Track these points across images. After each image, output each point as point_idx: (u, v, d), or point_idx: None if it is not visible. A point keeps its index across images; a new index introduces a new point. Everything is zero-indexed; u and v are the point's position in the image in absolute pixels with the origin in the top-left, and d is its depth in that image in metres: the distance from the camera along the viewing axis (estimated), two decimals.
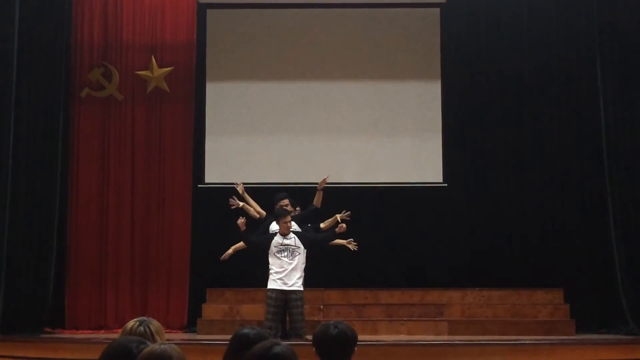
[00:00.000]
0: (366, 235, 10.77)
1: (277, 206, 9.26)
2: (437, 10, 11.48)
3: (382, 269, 11.02)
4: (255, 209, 9.55)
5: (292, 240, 8.89)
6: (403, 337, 9.86)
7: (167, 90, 11.37)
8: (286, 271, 8.80)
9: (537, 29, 11.39)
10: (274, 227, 9.18)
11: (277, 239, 8.91)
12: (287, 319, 9.00)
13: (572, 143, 11.21)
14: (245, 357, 2.92)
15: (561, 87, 11.33)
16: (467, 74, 11.48)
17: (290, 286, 8.79)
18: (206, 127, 11.37)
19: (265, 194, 9.86)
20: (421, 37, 11.46)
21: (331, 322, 3.84)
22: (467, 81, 11.48)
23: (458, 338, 9.62)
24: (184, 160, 11.39)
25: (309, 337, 8.37)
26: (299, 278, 8.85)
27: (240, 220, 8.85)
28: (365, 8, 11.48)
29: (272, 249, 8.86)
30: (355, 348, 3.74)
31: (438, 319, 10.46)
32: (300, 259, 8.87)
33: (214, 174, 11.32)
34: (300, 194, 10.50)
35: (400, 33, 11.46)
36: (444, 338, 9.82)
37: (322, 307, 8.97)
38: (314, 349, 3.69)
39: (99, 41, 11.44)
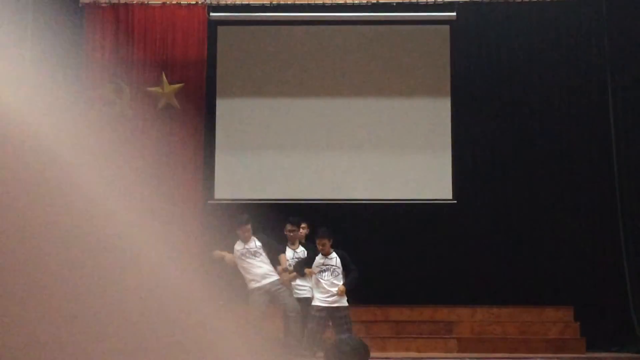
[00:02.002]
0: (375, 251, 10.78)
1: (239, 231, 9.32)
2: (447, 27, 11.51)
3: (391, 286, 10.99)
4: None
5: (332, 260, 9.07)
6: (412, 355, 9.83)
7: (178, 106, 11.41)
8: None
9: (548, 44, 11.40)
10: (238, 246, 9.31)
11: (319, 259, 9.03)
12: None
13: (582, 161, 11.20)
14: None
15: (571, 102, 11.33)
16: (477, 90, 11.48)
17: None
18: (216, 143, 11.40)
19: (274, 210, 9.85)
20: (431, 53, 11.49)
21: (344, 337, 3.86)
22: (477, 98, 11.48)
23: (468, 355, 9.60)
24: (194, 176, 11.42)
25: (306, 352, 8.44)
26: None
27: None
28: (375, 25, 11.53)
29: (315, 268, 9.00)
30: None
31: (447, 336, 10.42)
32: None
33: (224, 190, 11.35)
34: (310, 210, 10.52)
35: (410, 50, 11.50)
36: (454, 355, 9.79)
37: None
38: None
39: (110, 57, 11.51)
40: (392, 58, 11.48)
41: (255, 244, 9.26)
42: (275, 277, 9.17)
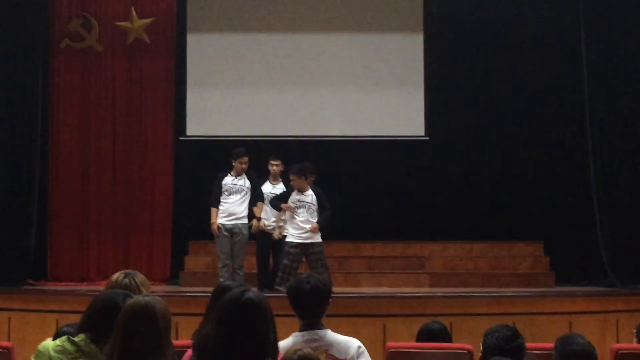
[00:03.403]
0: (348, 188, 10.81)
1: (236, 162, 9.22)
2: None
3: (364, 222, 11.05)
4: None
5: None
6: (384, 290, 9.93)
7: (148, 41, 11.23)
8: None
9: None
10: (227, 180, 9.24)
11: (295, 196, 8.99)
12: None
13: (555, 95, 11.22)
14: (219, 304, 2.94)
15: (545, 36, 11.27)
16: (450, 26, 11.40)
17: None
18: (187, 79, 11.27)
19: (246, 147, 9.79)
20: None
21: (304, 275, 3.87)
22: (450, 33, 11.41)
23: (439, 290, 9.69)
24: (165, 112, 11.32)
25: (280, 288, 8.51)
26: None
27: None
28: None
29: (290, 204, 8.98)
30: (330, 300, 3.77)
31: (419, 271, 10.53)
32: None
33: (195, 127, 11.26)
34: (282, 147, 10.50)
35: None
36: (425, 290, 9.89)
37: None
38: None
39: None
40: None
41: (245, 182, 9.19)
42: (242, 221, 9.15)
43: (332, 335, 3.70)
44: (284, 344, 3.59)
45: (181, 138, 11.25)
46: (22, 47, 10.57)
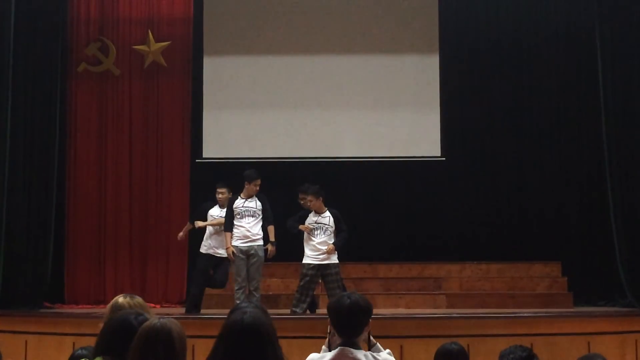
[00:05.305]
0: (365, 209, 10.80)
1: (251, 185, 9.18)
2: None
3: (380, 243, 11.03)
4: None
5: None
6: (401, 311, 9.89)
7: (164, 64, 11.32)
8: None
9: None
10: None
11: (312, 217, 8.99)
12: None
13: (571, 115, 11.20)
14: (221, 330, 2.97)
15: (561, 57, 11.28)
16: (465, 47, 11.42)
17: None
18: (204, 102, 11.33)
19: (263, 168, 9.82)
20: (419, 10, 11.40)
21: (345, 293, 3.86)
22: (466, 54, 11.43)
23: (456, 311, 9.66)
24: (181, 135, 11.38)
25: (297, 310, 8.47)
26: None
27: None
28: None
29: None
30: (370, 319, 3.73)
31: (436, 292, 10.49)
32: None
33: (211, 149, 11.31)
34: (298, 168, 10.52)
35: (398, 6, 11.40)
36: (442, 311, 9.86)
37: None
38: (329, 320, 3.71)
39: (95, 15, 11.40)
40: (381, 15, 11.38)
41: (256, 204, 9.15)
42: (257, 243, 9.11)
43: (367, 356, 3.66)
44: (316, 356, 3.62)
45: (197, 160, 11.29)
46: (40, 71, 10.65)
